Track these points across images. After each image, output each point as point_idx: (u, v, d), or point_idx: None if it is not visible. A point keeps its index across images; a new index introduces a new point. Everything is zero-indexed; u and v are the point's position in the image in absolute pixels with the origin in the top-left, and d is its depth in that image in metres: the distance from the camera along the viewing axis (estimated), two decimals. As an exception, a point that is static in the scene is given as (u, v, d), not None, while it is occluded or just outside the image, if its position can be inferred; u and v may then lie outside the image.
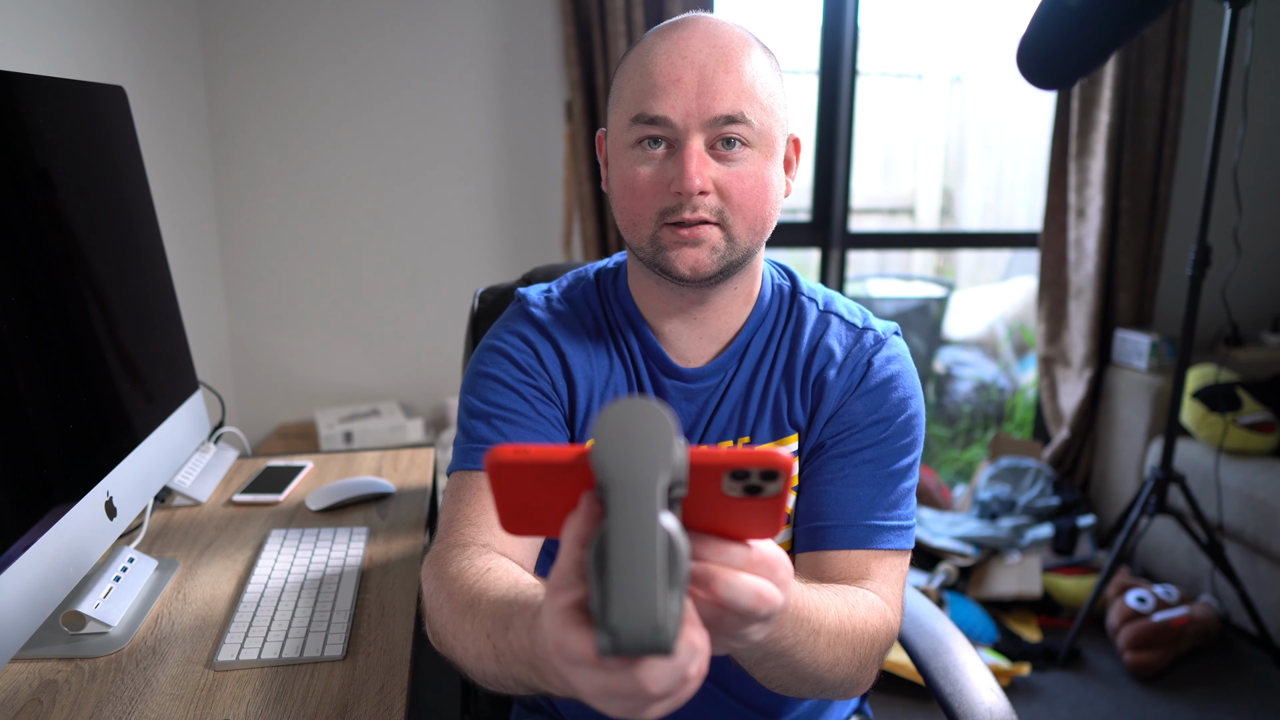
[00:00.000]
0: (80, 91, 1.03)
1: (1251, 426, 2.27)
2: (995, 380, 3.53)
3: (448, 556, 0.77)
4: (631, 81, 0.80)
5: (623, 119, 0.81)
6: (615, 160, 0.83)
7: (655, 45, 0.80)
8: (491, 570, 0.71)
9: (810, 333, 0.89)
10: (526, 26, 2.34)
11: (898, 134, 3.89)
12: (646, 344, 0.90)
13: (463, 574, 0.72)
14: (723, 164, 0.79)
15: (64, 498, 0.87)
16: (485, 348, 0.91)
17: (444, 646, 0.72)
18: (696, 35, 0.79)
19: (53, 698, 0.84)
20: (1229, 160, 2.21)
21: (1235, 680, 2.09)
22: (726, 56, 0.78)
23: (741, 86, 0.78)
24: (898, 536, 0.84)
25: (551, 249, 2.47)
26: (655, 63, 0.79)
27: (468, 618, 0.67)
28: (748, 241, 0.81)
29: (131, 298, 1.10)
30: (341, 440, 2.23)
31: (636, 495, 0.40)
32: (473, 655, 0.66)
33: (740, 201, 0.79)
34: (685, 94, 0.77)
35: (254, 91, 2.27)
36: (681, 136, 0.78)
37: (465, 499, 0.84)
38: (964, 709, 0.91)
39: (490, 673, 0.64)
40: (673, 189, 0.78)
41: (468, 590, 0.69)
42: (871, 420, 0.85)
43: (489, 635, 0.63)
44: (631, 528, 0.39)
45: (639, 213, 0.81)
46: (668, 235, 0.80)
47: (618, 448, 0.41)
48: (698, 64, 0.77)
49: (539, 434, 0.86)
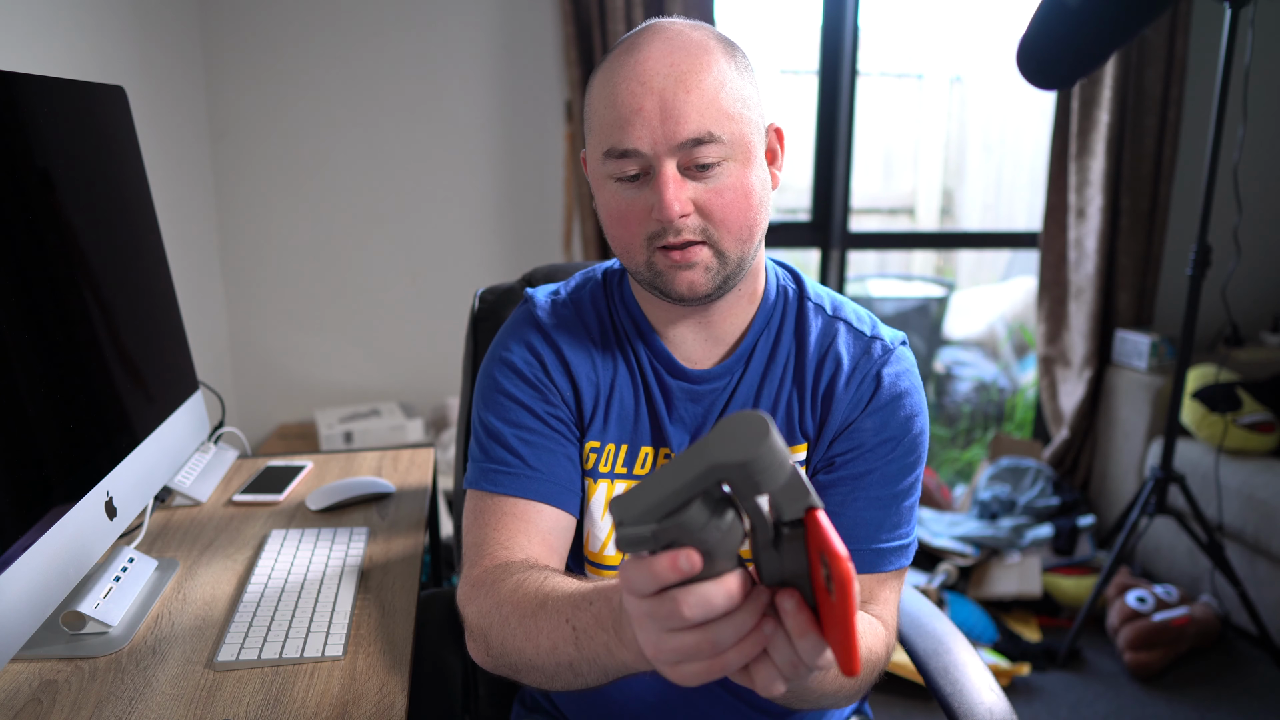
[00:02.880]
0: (80, 91, 1.03)
1: (1251, 426, 2.27)
2: (995, 380, 3.53)
3: (495, 577, 0.79)
4: (598, 112, 0.80)
5: (596, 151, 0.81)
6: (597, 189, 0.83)
7: (616, 71, 0.78)
8: (550, 578, 0.75)
9: (818, 338, 0.89)
10: (526, 26, 2.34)
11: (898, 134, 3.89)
12: (652, 347, 0.90)
13: (523, 584, 0.75)
14: (700, 182, 0.78)
15: (64, 498, 0.86)
16: (495, 359, 0.92)
17: (508, 654, 0.74)
18: (654, 55, 0.77)
19: (53, 698, 0.84)
20: (1229, 160, 2.21)
21: (1235, 680, 2.09)
22: (685, 75, 0.76)
23: (704, 104, 0.76)
24: (900, 556, 0.85)
25: (551, 249, 2.47)
26: (617, 92, 0.77)
27: (541, 614, 0.70)
28: (738, 253, 0.81)
29: (131, 298, 1.10)
30: (341, 440, 2.23)
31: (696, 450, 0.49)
32: (547, 647, 0.69)
33: (723, 217, 0.79)
34: (649, 123, 0.76)
35: (254, 91, 2.27)
36: (654, 164, 0.77)
37: (491, 523, 0.85)
38: (964, 709, 0.91)
39: (567, 658, 0.68)
40: (654, 215, 0.78)
41: (535, 595, 0.73)
42: (880, 440, 0.85)
43: (569, 620, 0.67)
44: (683, 458, 0.49)
45: (629, 241, 0.81)
46: (661, 260, 0.80)
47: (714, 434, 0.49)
48: (657, 89, 0.76)
49: (554, 449, 0.88)
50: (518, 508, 0.85)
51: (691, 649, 0.51)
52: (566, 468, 0.88)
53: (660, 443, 0.90)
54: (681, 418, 0.89)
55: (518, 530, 0.84)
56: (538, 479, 0.86)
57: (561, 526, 0.87)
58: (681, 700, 0.91)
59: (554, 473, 0.87)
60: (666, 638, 0.51)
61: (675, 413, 0.89)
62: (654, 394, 0.90)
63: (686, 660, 0.52)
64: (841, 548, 0.46)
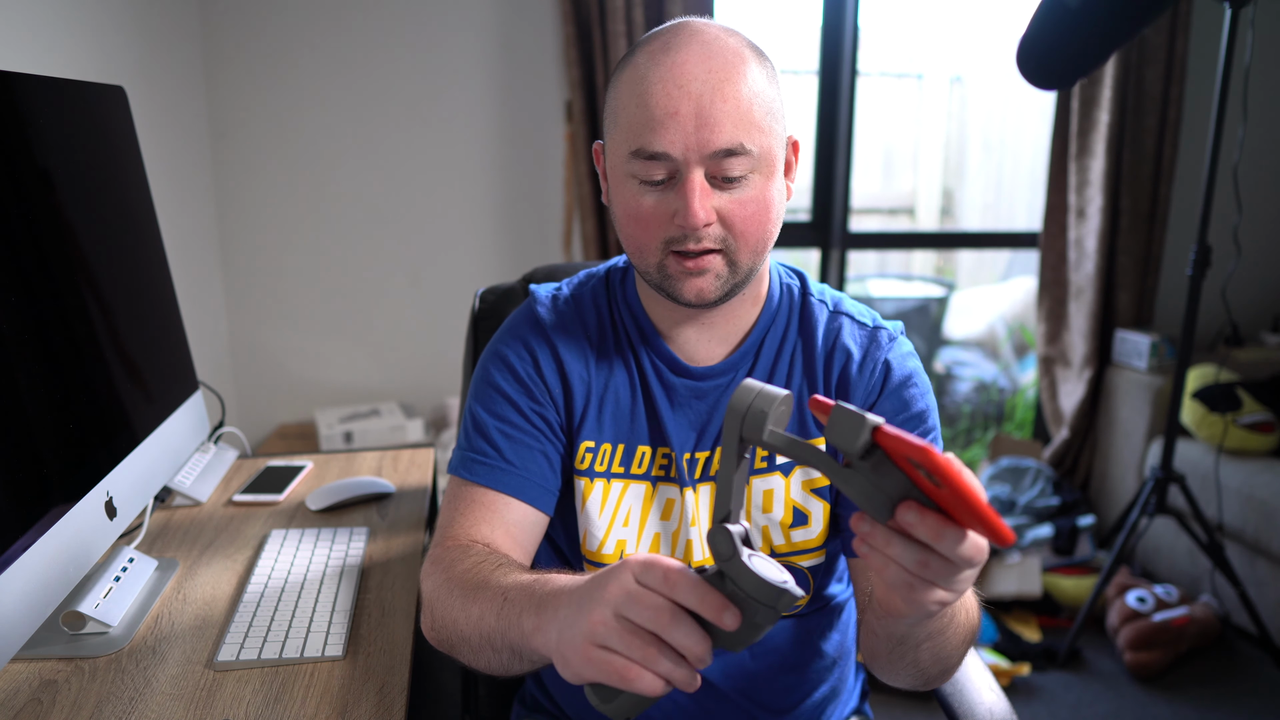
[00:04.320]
0: (80, 91, 1.03)
1: (1251, 426, 2.27)
2: (995, 380, 3.52)
3: (453, 556, 0.81)
4: (627, 110, 0.79)
5: (621, 149, 0.80)
6: (616, 186, 0.83)
7: (650, 71, 0.77)
8: (505, 564, 0.78)
9: (824, 332, 0.91)
10: (526, 26, 2.34)
11: (898, 134, 3.89)
12: (655, 347, 0.91)
13: (478, 565, 0.78)
14: (725, 191, 0.78)
15: (64, 498, 0.86)
16: (492, 353, 0.93)
17: (445, 627, 0.78)
18: (691, 59, 0.76)
19: (53, 698, 0.84)
20: (1229, 160, 2.20)
21: (1235, 680, 2.09)
22: (722, 82, 0.76)
23: (739, 114, 0.76)
24: None
25: (551, 249, 2.47)
26: (651, 93, 0.76)
27: (482, 589, 0.74)
28: (750, 263, 0.82)
29: (131, 298, 1.10)
30: (341, 440, 2.23)
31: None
32: (475, 617, 0.73)
33: (743, 228, 0.79)
34: (683, 127, 0.75)
35: (254, 91, 2.27)
36: (682, 169, 0.77)
37: (461, 509, 0.87)
38: (964, 709, 0.91)
39: (488, 628, 0.72)
40: (676, 221, 0.78)
41: (484, 573, 0.76)
42: (899, 422, 0.88)
43: (504, 593, 0.71)
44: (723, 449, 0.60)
45: (644, 242, 0.81)
46: (673, 264, 0.81)
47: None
48: (694, 94, 0.75)
49: (533, 445, 0.89)
50: (488, 498, 0.86)
51: (626, 641, 0.56)
52: (543, 466, 0.89)
53: (659, 442, 0.90)
54: (685, 415, 0.90)
55: (483, 519, 0.86)
56: (511, 473, 0.87)
57: (529, 522, 0.88)
58: (688, 700, 0.92)
59: (528, 469, 0.88)
60: (617, 614, 0.57)
61: (679, 410, 0.90)
62: (653, 393, 0.90)
63: (613, 648, 0.56)
64: (921, 441, 0.48)
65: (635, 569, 0.57)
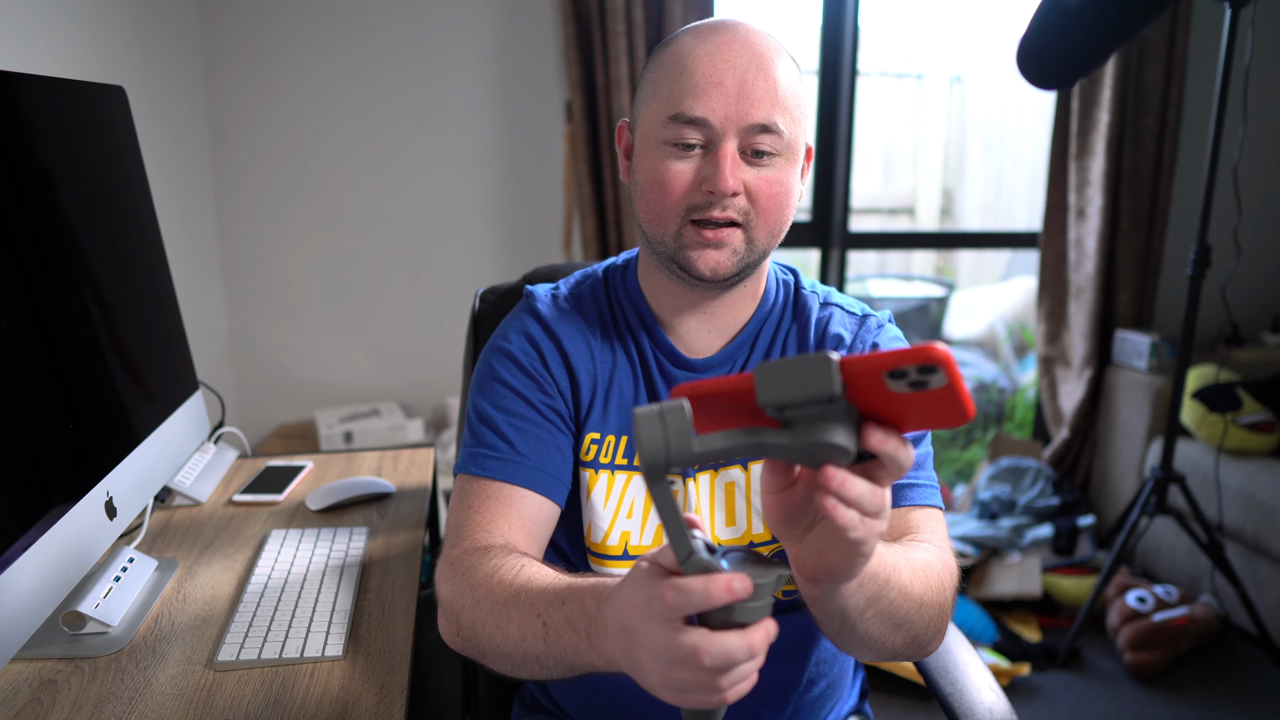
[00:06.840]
0: (80, 91, 1.03)
1: (1251, 426, 2.27)
2: (995, 380, 3.53)
3: (473, 559, 0.79)
4: (670, 79, 0.82)
5: (658, 115, 0.82)
6: (645, 154, 0.85)
7: (695, 46, 0.82)
8: (525, 567, 0.76)
9: (816, 322, 0.93)
10: (526, 26, 2.34)
11: (898, 134, 3.89)
12: (654, 337, 0.92)
13: (499, 571, 0.76)
14: (753, 168, 0.82)
15: (64, 498, 0.86)
16: (493, 349, 0.93)
17: (477, 639, 0.76)
18: (737, 41, 0.81)
19: (53, 698, 0.84)
20: (1229, 160, 2.20)
21: (1235, 680, 2.09)
22: (764, 64, 0.80)
23: (776, 95, 0.80)
24: (929, 494, 0.87)
25: (551, 249, 2.47)
26: (696, 63, 0.81)
27: (514, 605, 0.71)
28: (765, 244, 0.85)
29: (131, 297, 1.10)
30: (341, 440, 2.23)
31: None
32: (516, 638, 0.71)
33: (766, 205, 0.82)
34: (725, 97, 0.79)
35: (254, 91, 2.27)
36: (717, 138, 0.80)
37: (474, 506, 0.85)
38: (964, 709, 0.91)
39: (535, 651, 0.70)
40: (704, 188, 0.81)
41: (509, 583, 0.74)
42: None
43: (540, 615, 0.69)
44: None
45: (666, 208, 0.83)
46: (691, 234, 0.83)
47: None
48: (738, 69, 0.80)
49: (546, 437, 0.88)
50: (501, 492, 0.85)
51: (696, 684, 0.53)
52: (556, 457, 0.88)
53: None
54: None
55: (498, 515, 0.84)
56: (525, 465, 0.86)
57: (544, 514, 0.87)
58: None
59: (542, 460, 0.87)
60: (674, 670, 0.53)
61: None
62: (655, 384, 0.91)
63: (689, 691, 0.54)
64: (897, 348, 0.48)
65: (660, 613, 0.54)
